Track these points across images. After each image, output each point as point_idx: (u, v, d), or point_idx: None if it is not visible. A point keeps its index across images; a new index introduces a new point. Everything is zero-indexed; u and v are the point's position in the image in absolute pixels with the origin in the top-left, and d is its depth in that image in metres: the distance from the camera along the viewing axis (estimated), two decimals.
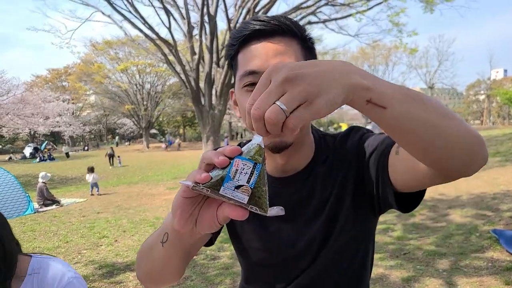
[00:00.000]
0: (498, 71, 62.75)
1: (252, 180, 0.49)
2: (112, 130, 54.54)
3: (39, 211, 8.24)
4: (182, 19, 12.68)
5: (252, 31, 0.77)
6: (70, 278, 1.22)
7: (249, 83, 0.77)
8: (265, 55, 0.76)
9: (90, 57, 37.80)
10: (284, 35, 0.77)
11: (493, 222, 4.86)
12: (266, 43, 0.77)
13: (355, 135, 0.89)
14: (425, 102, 0.53)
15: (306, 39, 0.81)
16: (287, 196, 0.88)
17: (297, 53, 0.78)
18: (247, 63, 0.78)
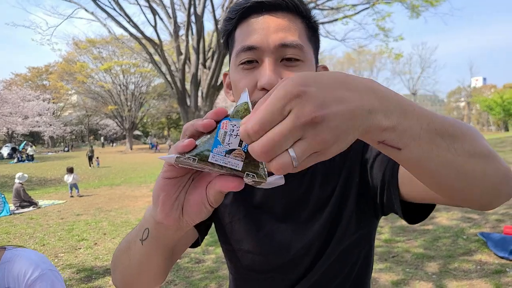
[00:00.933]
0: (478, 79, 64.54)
1: (244, 143, 0.42)
2: (94, 131, 53.50)
3: (15, 213, 7.91)
4: (168, 19, 12.52)
5: (253, 3, 0.69)
6: (44, 270, 1.18)
7: (246, 60, 0.69)
8: (266, 29, 0.68)
9: (73, 55, 36.95)
10: (288, 11, 0.70)
11: (480, 225, 4.88)
12: (268, 16, 0.69)
13: None
14: (455, 138, 0.44)
15: (311, 20, 0.74)
16: (284, 194, 0.80)
17: (300, 31, 0.70)
18: (245, 37, 0.70)
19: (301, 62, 0.69)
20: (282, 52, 0.68)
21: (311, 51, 0.73)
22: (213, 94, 12.33)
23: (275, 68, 0.67)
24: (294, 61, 0.68)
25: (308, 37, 0.72)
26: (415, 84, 44.38)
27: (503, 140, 14.12)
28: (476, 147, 0.46)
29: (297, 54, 0.68)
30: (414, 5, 10.42)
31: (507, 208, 5.52)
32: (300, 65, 0.69)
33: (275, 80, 0.65)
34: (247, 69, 0.70)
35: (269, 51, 0.67)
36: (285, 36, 0.68)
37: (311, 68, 0.72)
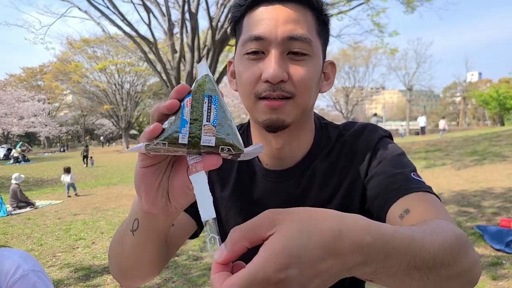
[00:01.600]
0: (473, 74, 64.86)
1: (212, 116, 0.41)
2: (90, 131, 53.27)
3: (12, 214, 7.87)
4: (162, 16, 12.42)
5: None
6: (26, 271, 1.12)
7: (252, 51, 0.68)
8: (275, 20, 0.66)
9: (67, 55, 36.70)
10: (299, 2, 0.68)
11: (476, 219, 4.92)
12: (279, 6, 0.67)
13: (370, 135, 0.78)
14: (434, 269, 0.44)
15: (322, 13, 0.72)
16: (280, 192, 0.79)
17: (310, 24, 0.69)
18: (253, 27, 0.68)
19: (308, 56, 0.68)
20: (290, 45, 0.66)
21: (319, 45, 0.72)
22: None
23: (280, 61, 0.66)
24: (301, 55, 0.67)
25: (317, 31, 0.71)
26: (411, 79, 44.44)
27: (499, 134, 14.19)
28: (453, 270, 0.46)
29: (305, 48, 0.67)
30: (409, 0, 10.41)
31: (503, 201, 5.56)
32: (307, 60, 0.68)
33: (280, 74, 0.64)
34: (252, 59, 0.68)
35: (276, 43, 0.66)
36: (293, 28, 0.66)
37: (318, 63, 0.71)
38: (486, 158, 9.74)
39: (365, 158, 0.76)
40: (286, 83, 0.66)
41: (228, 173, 0.85)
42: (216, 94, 0.42)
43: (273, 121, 0.67)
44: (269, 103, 0.66)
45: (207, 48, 12.43)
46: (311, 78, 0.68)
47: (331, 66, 0.79)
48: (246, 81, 0.68)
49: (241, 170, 0.83)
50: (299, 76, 0.66)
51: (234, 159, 0.44)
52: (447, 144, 13.48)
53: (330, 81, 0.79)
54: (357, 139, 0.78)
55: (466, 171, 8.43)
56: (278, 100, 0.66)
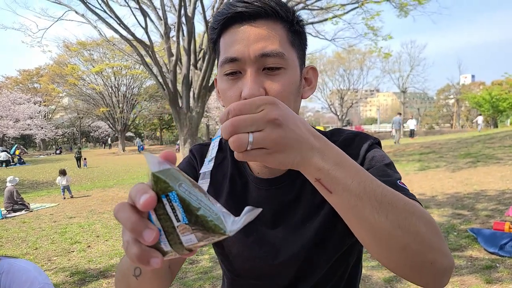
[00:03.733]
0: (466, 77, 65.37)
1: (180, 214, 0.38)
2: (86, 133, 53.01)
3: (7, 217, 7.82)
4: (158, 20, 12.43)
5: (233, 14, 0.70)
6: (41, 284, 1.17)
7: (230, 72, 0.71)
8: (246, 40, 0.69)
9: (63, 58, 36.57)
10: (268, 18, 0.70)
11: (470, 221, 4.96)
12: (248, 26, 0.70)
13: (360, 143, 0.79)
14: (391, 208, 0.51)
15: (293, 22, 0.73)
16: (274, 199, 0.81)
17: (281, 37, 0.71)
18: (227, 48, 0.71)
19: (283, 69, 0.70)
20: (263, 62, 0.68)
21: (294, 55, 0.73)
22: (205, 95, 12.31)
23: (256, 78, 0.68)
24: (275, 69, 0.69)
25: (290, 42, 0.72)
26: (405, 82, 44.75)
27: (492, 136, 14.32)
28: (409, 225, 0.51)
29: (278, 62, 0.69)
30: (402, 4, 10.49)
31: (497, 204, 5.61)
32: (282, 73, 0.70)
33: (256, 91, 0.67)
34: (232, 79, 0.71)
35: (250, 62, 0.68)
36: (264, 45, 0.68)
37: (295, 73, 0.73)
38: (480, 160, 9.82)
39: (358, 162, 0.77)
40: None
41: (220, 184, 0.88)
42: (172, 189, 0.38)
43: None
44: None
45: (203, 51, 12.45)
46: (287, 90, 0.70)
47: (312, 71, 0.81)
48: (229, 101, 0.71)
49: (234, 180, 0.86)
50: (275, 91, 0.69)
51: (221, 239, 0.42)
52: (441, 146, 13.57)
53: (312, 85, 0.81)
54: (348, 146, 0.79)
55: (460, 173, 8.49)
56: None
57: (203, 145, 0.96)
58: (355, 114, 67.32)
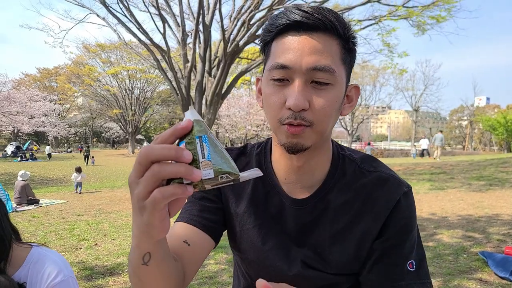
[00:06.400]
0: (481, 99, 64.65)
1: (206, 152, 0.47)
2: (97, 134, 53.68)
3: (17, 211, 7.93)
4: (177, 27, 12.66)
5: (292, 22, 0.70)
6: (66, 276, 1.19)
7: (278, 78, 0.71)
8: (301, 50, 0.69)
9: (82, 58, 37.36)
10: (325, 32, 0.70)
11: (481, 245, 4.87)
12: (304, 37, 0.69)
13: (393, 189, 0.80)
14: None
15: (349, 40, 0.74)
16: (296, 217, 0.83)
17: (335, 53, 0.71)
18: (280, 54, 0.71)
19: (330, 85, 0.70)
20: (313, 75, 0.69)
21: (343, 72, 0.74)
22: (217, 102, 12.42)
23: (303, 90, 0.69)
24: (323, 84, 0.70)
25: (342, 59, 0.72)
26: (418, 100, 44.41)
27: (505, 161, 14.10)
28: None
29: (328, 78, 0.69)
30: (420, 22, 10.52)
31: (509, 229, 5.51)
32: (329, 89, 0.71)
33: (301, 103, 0.67)
34: (278, 85, 0.71)
35: (301, 73, 0.69)
36: (318, 59, 0.68)
37: (340, 90, 0.73)
38: (492, 184, 9.66)
39: (383, 213, 0.79)
40: (307, 112, 0.69)
41: (242, 189, 0.88)
42: (205, 133, 0.48)
43: (293, 145, 0.72)
44: (290, 129, 0.70)
45: (218, 59, 12.61)
46: (331, 106, 0.71)
47: (355, 90, 0.81)
48: (272, 107, 0.72)
49: (256, 187, 0.87)
50: (319, 106, 0.69)
51: (234, 183, 0.50)
52: (452, 167, 13.40)
53: (352, 104, 0.81)
54: (379, 188, 0.80)
55: (472, 195, 8.36)
56: (298, 126, 0.69)
57: (227, 150, 0.92)
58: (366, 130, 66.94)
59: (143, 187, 0.47)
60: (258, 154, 0.90)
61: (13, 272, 1.17)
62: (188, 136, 0.47)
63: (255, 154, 0.91)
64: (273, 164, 0.87)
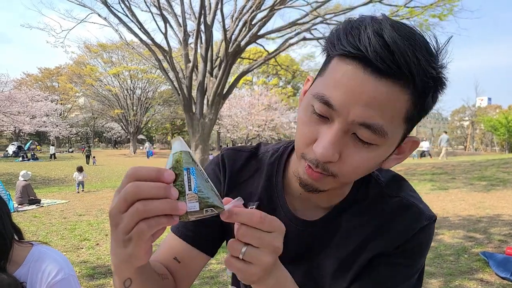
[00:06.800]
0: (483, 99, 64.59)
1: (193, 185, 0.47)
2: (99, 134, 53.80)
3: (19, 211, 7.95)
4: (178, 27, 12.68)
5: (360, 56, 0.54)
6: (67, 274, 1.20)
7: (319, 114, 0.59)
8: (356, 95, 0.54)
9: (83, 58, 37.47)
10: (399, 80, 0.53)
11: (482, 245, 4.87)
12: (370, 78, 0.53)
13: (413, 221, 0.71)
14: None
15: (428, 97, 0.57)
16: (302, 239, 0.76)
17: (398, 112, 0.56)
18: (331, 84, 0.57)
19: (374, 146, 0.58)
20: (358, 129, 0.56)
21: (399, 133, 0.60)
22: (218, 102, 12.44)
23: (339, 140, 0.57)
24: (366, 143, 0.58)
25: (406, 118, 0.58)
26: None
27: (507, 161, 14.06)
28: None
29: (374, 139, 0.57)
30: (421, 23, 10.50)
31: (510, 230, 5.50)
32: (372, 149, 0.58)
33: (329, 156, 0.57)
34: (316, 118, 0.60)
35: (344, 121, 0.56)
36: (371, 116, 0.54)
37: (386, 150, 0.61)
38: (494, 184, 9.65)
39: (395, 244, 0.71)
40: (333, 164, 0.59)
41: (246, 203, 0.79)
42: (193, 165, 0.48)
43: (307, 184, 0.64)
44: (308, 171, 0.62)
45: (219, 59, 12.63)
46: (365, 166, 0.61)
47: (412, 144, 0.66)
48: (300, 137, 0.63)
49: (261, 203, 0.78)
50: (351, 163, 0.59)
51: (217, 216, 0.51)
52: (454, 168, 13.38)
53: (401, 156, 0.66)
54: (398, 216, 0.72)
55: (473, 196, 8.35)
56: (318, 173, 0.61)
57: (236, 151, 0.84)
58: None
59: (128, 222, 0.46)
60: (272, 164, 0.80)
61: (13, 270, 1.17)
62: (177, 167, 0.47)
63: (268, 163, 0.81)
64: (286, 180, 0.78)
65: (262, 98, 30.82)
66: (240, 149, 0.84)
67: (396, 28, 0.54)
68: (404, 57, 0.52)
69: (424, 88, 0.55)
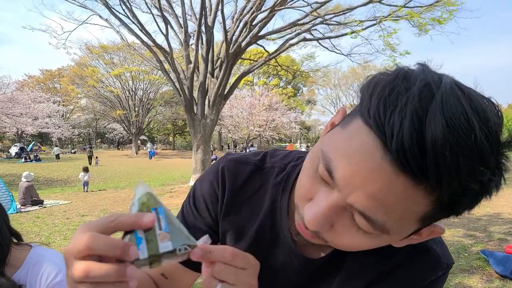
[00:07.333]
0: None
1: (163, 224, 0.45)
2: (101, 135, 53.96)
3: (22, 211, 8.02)
4: (179, 28, 12.73)
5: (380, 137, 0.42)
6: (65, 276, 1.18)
7: (322, 178, 0.50)
8: (363, 182, 0.44)
9: (85, 60, 37.60)
10: (426, 182, 0.41)
11: (482, 243, 4.89)
12: (386, 171, 0.42)
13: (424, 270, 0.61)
14: None
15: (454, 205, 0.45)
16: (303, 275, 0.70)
17: (410, 213, 0.45)
18: (343, 150, 0.47)
19: (375, 234, 0.49)
20: (356, 214, 0.48)
21: (408, 230, 0.50)
22: (220, 103, 12.49)
23: (333, 214, 0.49)
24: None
25: (422, 219, 0.47)
26: None
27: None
28: None
29: (371, 231, 0.48)
30: (420, 23, 10.51)
31: (510, 228, 5.53)
32: (371, 236, 0.49)
33: (318, 227, 0.50)
34: (318, 178, 0.51)
35: (342, 200, 0.47)
36: (373, 209, 0.45)
37: (392, 240, 0.52)
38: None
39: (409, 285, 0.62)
40: (326, 233, 0.52)
41: (244, 226, 0.72)
42: (160, 205, 0.47)
43: (301, 240, 0.63)
44: (300, 229, 0.56)
45: (220, 60, 12.68)
46: (363, 247, 0.52)
47: (432, 232, 0.53)
48: (299, 184, 0.56)
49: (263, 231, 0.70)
50: (344, 242, 0.52)
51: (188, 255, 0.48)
52: None
53: (417, 238, 0.54)
54: (411, 260, 0.62)
55: None
56: (309, 234, 0.55)
57: (240, 163, 0.73)
58: None
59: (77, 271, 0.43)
60: (277, 185, 0.69)
61: (12, 273, 1.16)
62: (144, 208, 0.46)
63: (273, 183, 0.70)
64: (291, 205, 0.66)
65: (263, 98, 30.89)
66: (243, 161, 0.72)
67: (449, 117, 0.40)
68: (437, 159, 0.39)
69: (452, 201, 0.43)
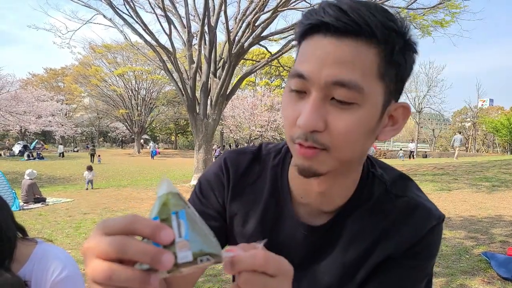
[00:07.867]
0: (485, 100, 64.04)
1: (183, 231, 0.39)
2: (104, 133, 54.09)
3: (24, 209, 8.07)
4: (182, 28, 12.77)
5: (314, 22, 0.56)
6: (71, 272, 1.20)
7: (295, 90, 0.59)
8: (322, 59, 0.55)
9: (88, 59, 37.69)
10: (359, 37, 0.55)
11: (484, 245, 4.89)
12: (330, 42, 0.55)
13: (421, 222, 0.69)
14: None
15: (394, 50, 0.57)
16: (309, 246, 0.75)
17: (369, 66, 0.56)
18: (301, 60, 0.59)
19: (355, 105, 0.57)
20: (334, 90, 0.56)
21: (378, 90, 0.58)
22: (222, 103, 12.53)
23: (319, 108, 0.56)
24: (345, 104, 0.56)
25: (379, 74, 0.57)
26: (421, 102, 44.09)
27: (509, 162, 14.01)
28: None
29: (352, 97, 0.56)
30: (423, 25, 10.51)
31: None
32: (354, 109, 0.57)
33: (312, 124, 0.56)
34: (296, 96, 0.60)
35: (318, 86, 0.56)
36: (340, 72, 0.55)
37: (371, 111, 0.59)
38: (495, 185, 9.64)
39: (403, 247, 0.69)
40: (321, 134, 0.57)
41: (252, 207, 0.78)
42: (183, 207, 0.41)
43: (305, 169, 0.61)
44: (301, 150, 0.59)
45: (223, 60, 12.71)
46: (355, 131, 0.58)
47: (403, 110, 0.64)
48: (285, 122, 0.62)
49: (268, 209, 0.76)
50: (338, 129, 0.57)
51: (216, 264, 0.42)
52: (455, 168, 13.37)
53: (397, 126, 0.65)
54: (405, 217, 0.70)
55: (474, 196, 8.35)
56: (310, 148, 0.58)
57: (240, 153, 0.81)
58: None
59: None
60: (275, 167, 0.77)
61: (18, 269, 1.15)
62: (163, 211, 0.40)
63: (271, 165, 0.78)
64: (290, 181, 0.75)
65: (265, 98, 30.93)
66: (242, 152, 0.81)
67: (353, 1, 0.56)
68: (359, 13, 0.54)
69: (387, 39, 0.56)
